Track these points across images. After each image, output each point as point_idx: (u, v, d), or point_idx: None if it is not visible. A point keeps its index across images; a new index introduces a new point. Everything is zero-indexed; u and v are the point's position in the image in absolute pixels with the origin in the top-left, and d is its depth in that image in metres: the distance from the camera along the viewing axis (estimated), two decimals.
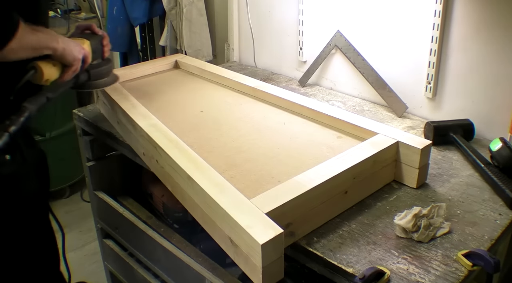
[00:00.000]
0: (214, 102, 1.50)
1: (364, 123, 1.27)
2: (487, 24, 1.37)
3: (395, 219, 1.02)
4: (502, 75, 1.38)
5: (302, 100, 1.42)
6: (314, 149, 1.22)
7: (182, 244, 1.40)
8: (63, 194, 2.81)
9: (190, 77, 1.71)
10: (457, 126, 1.39)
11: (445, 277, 0.91)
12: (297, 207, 0.98)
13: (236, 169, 1.14)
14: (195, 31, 2.15)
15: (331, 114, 1.32)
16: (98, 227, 1.73)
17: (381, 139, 1.18)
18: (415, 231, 1.00)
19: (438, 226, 1.01)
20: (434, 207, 1.03)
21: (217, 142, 1.27)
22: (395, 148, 1.17)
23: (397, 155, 1.18)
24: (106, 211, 1.62)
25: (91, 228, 2.02)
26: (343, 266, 0.95)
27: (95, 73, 1.33)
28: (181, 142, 1.16)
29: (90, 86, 1.35)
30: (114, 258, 1.70)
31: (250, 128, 1.34)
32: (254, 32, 2.05)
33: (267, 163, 1.17)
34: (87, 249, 2.41)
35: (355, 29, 1.70)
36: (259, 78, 1.94)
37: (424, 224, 1.00)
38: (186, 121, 1.38)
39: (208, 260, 1.33)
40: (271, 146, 1.24)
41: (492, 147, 1.23)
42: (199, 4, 2.14)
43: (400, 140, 1.17)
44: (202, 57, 2.18)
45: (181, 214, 1.55)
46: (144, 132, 1.22)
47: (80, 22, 2.42)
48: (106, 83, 1.39)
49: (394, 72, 1.63)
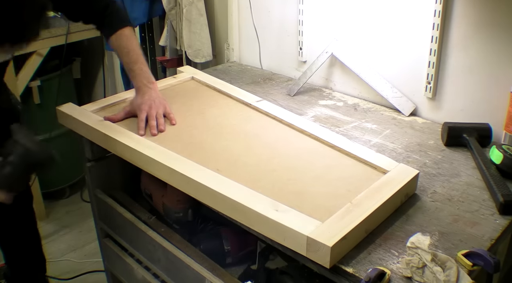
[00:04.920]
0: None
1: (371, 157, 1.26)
2: (487, 24, 1.37)
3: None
4: (502, 75, 1.38)
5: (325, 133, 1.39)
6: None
7: (182, 244, 1.40)
8: (63, 194, 2.81)
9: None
10: (473, 128, 1.37)
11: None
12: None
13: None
14: (195, 31, 2.15)
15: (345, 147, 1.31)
16: (98, 227, 1.73)
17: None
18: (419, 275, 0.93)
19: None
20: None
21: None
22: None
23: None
24: (106, 211, 1.62)
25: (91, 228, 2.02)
26: (343, 266, 0.95)
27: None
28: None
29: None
30: (114, 258, 1.70)
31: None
32: (255, 32, 2.05)
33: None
34: (87, 249, 2.41)
35: (355, 29, 1.70)
36: (259, 78, 1.94)
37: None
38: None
39: (208, 260, 1.33)
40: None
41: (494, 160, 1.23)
42: (199, 4, 2.14)
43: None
44: (202, 57, 2.18)
45: (181, 214, 1.55)
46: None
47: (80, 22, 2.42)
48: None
49: (394, 72, 1.63)
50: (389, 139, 1.44)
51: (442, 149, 1.38)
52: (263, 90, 1.81)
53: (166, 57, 2.38)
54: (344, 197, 1.09)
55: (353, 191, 1.11)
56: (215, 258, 1.35)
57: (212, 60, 2.24)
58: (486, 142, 1.36)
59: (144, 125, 1.39)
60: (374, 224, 1.06)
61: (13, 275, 1.78)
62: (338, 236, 0.95)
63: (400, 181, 1.13)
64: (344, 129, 1.50)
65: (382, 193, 1.08)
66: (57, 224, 2.59)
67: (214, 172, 1.19)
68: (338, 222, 0.99)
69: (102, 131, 1.38)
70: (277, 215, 1.02)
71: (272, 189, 1.13)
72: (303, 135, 1.39)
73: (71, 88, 2.77)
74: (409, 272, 0.92)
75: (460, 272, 0.90)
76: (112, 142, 1.37)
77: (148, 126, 1.40)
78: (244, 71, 2.04)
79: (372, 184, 1.12)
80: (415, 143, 1.42)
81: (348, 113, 1.62)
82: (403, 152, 1.37)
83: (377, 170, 1.20)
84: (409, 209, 1.12)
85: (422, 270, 0.91)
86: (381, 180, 1.14)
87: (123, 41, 1.47)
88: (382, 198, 1.06)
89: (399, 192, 1.11)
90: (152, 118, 1.40)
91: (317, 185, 1.16)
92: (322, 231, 0.96)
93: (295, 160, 1.28)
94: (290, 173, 1.21)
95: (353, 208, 1.04)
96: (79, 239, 2.48)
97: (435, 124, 1.53)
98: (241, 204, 1.07)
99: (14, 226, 1.69)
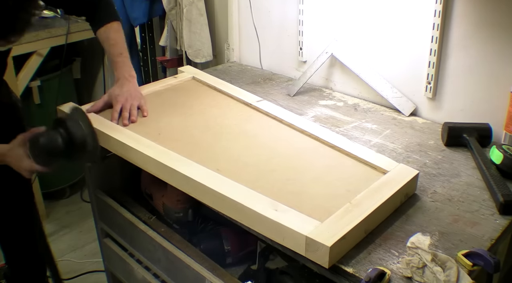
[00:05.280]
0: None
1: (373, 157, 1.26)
2: (487, 23, 1.37)
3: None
4: (502, 75, 1.38)
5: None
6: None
7: (182, 244, 1.39)
8: (63, 194, 2.81)
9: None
10: (473, 128, 1.38)
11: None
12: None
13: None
14: (195, 31, 2.15)
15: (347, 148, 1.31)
16: (98, 227, 1.73)
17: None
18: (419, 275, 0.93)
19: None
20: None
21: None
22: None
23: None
24: (106, 211, 1.62)
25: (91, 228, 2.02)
26: (343, 266, 0.95)
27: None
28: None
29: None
30: (114, 258, 1.70)
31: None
32: (255, 32, 2.05)
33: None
34: (87, 249, 2.40)
35: (355, 29, 1.70)
36: (260, 79, 1.94)
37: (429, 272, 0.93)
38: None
39: (208, 260, 1.33)
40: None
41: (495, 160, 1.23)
42: (199, 4, 2.14)
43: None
44: (202, 57, 2.18)
45: (181, 214, 1.55)
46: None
47: (80, 22, 2.42)
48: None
49: (394, 72, 1.63)
50: (389, 139, 1.44)
51: (442, 149, 1.38)
52: (263, 90, 1.81)
53: (166, 57, 2.38)
54: (343, 197, 1.09)
55: (353, 191, 1.11)
56: (215, 258, 1.35)
57: (212, 60, 2.24)
58: (486, 142, 1.36)
59: (117, 116, 1.46)
60: (374, 224, 1.06)
61: (13, 275, 1.78)
62: (337, 236, 0.95)
63: (399, 181, 1.13)
64: (344, 129, 1.50)
65: (382, 193, 1.08)
66: (57, 224, 2.58)
67: (214, 172, 1.19)
68: (337, 222, 0.99)
69: (103, 131, 1.38)
70: (276, 215, 1.02)
71: (271, 189, 1.13)
72: (303, 135, 1.39)
73: (71, 88, 2.77)
74: (409, 272, 0.92)
75: (460, 272, 0.90)
76: (112, 141, 1.37)
77: (122, 116, 1.46)
78: (244, 71, 2.04)
79: (371, 184, 1.12)
80: (415, 143, 1.42)
81: (348, 113, 1.62)
82: (403, 152, 1.37)
83: (376, 170, 1.20)
84: (409, 209, 1.12)
85: (422, 270, 0.91)
86: (381, 180, 1.14)
87: (111, 33, 1.53)
88: (382, 198, 1.06)
89: (399, 192, 1.11)
90: (126, 110, 1.46)
91: (316, 185, 1.16)
92: (321, 231, 0.96)
93: (295, 160, 1.28)
94: (290, 173, 1.21)
95: (352, 208, 1.04)
96: (79, 239, 2.48)
97: (435, 124, 1.53)
98: (241, 204, 1.07)
99: (15, 226, 1.69)
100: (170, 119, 1.48)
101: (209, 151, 1.31)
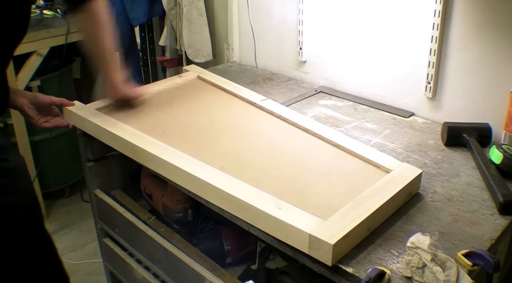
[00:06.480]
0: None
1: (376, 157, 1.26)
2: (487, 23, 1.37)
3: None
4: (502, 75, 1.38)
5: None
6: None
7: (182, 244, 1.40)
8: (63, 194, 2.81)
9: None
10: (473, 128, 1.38)
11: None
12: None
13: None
14: (195, 31, 2.15)
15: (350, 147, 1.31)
16: (98, 227, 1.73)
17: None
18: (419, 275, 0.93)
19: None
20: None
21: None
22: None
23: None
24: (106, 211, 1.62)
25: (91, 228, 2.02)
26: (343, 266, 0.95)
27: None
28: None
29: None
30: (114, 258, 1.70)
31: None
32: (254, 32, 2.05)
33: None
34: (87, 249, 2.40)
35: (355, 29, 1.70)
36: (259, 78, 1.94)
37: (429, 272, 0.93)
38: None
39: (208, 260, 1.33)
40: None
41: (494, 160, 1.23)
42: (199, 4, 2.14)
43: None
44: (202, 57, 2.18)
45: (181, 214, 1.55)
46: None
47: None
48: None
49: (394, 72, 1.63)
50: (389, 139, 1.44)
51: (442, 149, 1.38)
52: (263, 90, 1.81)
53: (166, 57, 2.38)
54: (347, 195, 1.09)
55: (356, 189, 1.11)
56: (215, 258, 1.35)
57: (212, 60, 2.24)
58: (486, 142, 1.36)
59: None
60: (377, 223, 1.06)
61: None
62: (340, 234, 0.95)
63: (403, 180, 1.13)
64: (344, 129, 1.50)
65: (385, 191, 1.08)
66: (57, 224, 2.58)
67: (218, 170, 1.19)
68: (341, 220, 0.99)
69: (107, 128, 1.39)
70: (280, 213, 1.02)
71: (275, 187, 1.13)
72: (307, 134, 1.39)
73: (71, 88, 2.76)
74: (409, 272, 0.92)
75: (460, 272, 0.90)
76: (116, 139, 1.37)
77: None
78: (244, 71, 2.04)
79: (375, 183, 1.12)
80: (415, 143, 1.42)
81: (348, 113, 1.62)
82: (403, 152, 1.37)
83: (380, 169, 1.20)
84: (409, 209, 1.12)
85: (422, 270, 0.91)
86: (384, 179, 1.14)
87: (94, 26, 1.43)
88: (385, 197, 1.06)
89: (402, 191, 1.11)
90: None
91: (320, 184, 1.16)
92: (325, 229, 0.96)
93: (299, 158, 1.28)
94: (294, 172, 1.21)
95: (355, 207, 1.04)
96: (79, 239, 2.48)
97: (435, 124, 1.53)
98: (245, 202, 1.07)
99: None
100: (175, 118, 1.48)
101: (213, 150, 1.32)
